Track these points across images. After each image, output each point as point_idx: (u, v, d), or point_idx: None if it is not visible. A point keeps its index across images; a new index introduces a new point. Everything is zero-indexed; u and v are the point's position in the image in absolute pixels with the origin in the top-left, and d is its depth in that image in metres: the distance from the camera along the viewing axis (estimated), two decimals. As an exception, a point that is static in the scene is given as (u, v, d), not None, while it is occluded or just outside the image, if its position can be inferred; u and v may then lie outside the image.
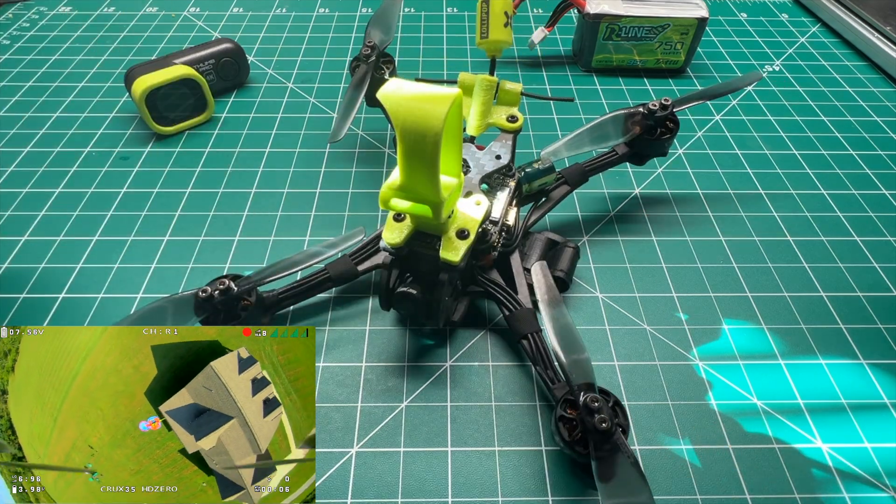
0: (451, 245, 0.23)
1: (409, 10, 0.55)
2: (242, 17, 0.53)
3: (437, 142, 0.18)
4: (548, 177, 0.30)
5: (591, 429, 0.20)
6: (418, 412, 0.25)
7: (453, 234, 0.24)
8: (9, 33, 0.50)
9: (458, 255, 0.23)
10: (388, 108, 0.18)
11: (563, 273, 0.28)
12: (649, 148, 0.32)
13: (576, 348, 0.21)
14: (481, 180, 0.27)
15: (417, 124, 0.18)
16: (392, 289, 0.25)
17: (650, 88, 0.45)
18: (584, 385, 0.21)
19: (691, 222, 0.34)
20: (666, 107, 0.31)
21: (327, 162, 0.38)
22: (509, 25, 0.29)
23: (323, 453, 0.24)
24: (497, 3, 0.29)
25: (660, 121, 0.31)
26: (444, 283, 0.24)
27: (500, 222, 0.26)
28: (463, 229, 0.24)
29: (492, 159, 0.28)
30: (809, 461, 0.24)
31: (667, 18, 0.43)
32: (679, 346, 0.28)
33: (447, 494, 0.23)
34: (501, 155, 0.28)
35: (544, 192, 0.31)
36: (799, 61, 0.48)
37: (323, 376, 0.26)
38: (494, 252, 0.27)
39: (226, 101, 0.43)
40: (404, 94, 0.18)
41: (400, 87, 0.18)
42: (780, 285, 0.31)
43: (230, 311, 0.25)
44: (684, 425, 0.25)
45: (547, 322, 0.22)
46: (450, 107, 0.18)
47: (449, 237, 0.24)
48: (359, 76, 0.33)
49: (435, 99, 0.18)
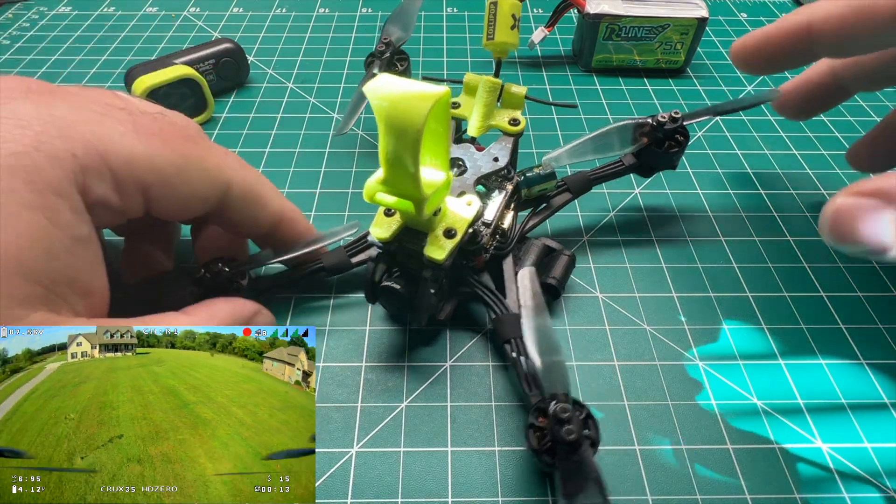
0: (436, 243, 0.23)
1: (409, 10, 0.55)
2: (242, 17, 0.53)
3: (418, 139, 0.18)
4: (548, 183, 0.29)
5: (558, 439, 0.19)
6: (418, 412, 0.25)
7: (440, 233, 0.23)
8: (9, 33, 0.50)
9: (443, 254, 0.23)
10: (372, 102, 0.18)
11: (554, 280, 0.27)
12: (658, 160, 0.31)
13: (552, 356, 0.21)
14: (477, 181, 0.27)
15: (399, 120, 0.18)
16: (377, 282, 0.25)
17: (650, 88, 0.45)
18: (557, 394, 0.20)
19: (691, 222, 0.34)
20: (676, 119, 0.30)
21: (327, 162, 0.38)
22: (516, 28, 0.29)
23: (323, 453, 0.24)
24: (505, 5, 0.28)
25: (669, 133, 0.30)
26: (427, 280, 0.24)
27: (494, 224, 0.26)
28: (451, 228, 0.24)
29: (490, 161, 0.28)
30: (809, 461, 0.24)
31: (667, 18, 0.43)
32: (679, 347, 0.28)
33: (447, 494, 0.23)
34: (500, 157, 0.28)
35: (545, 198, 0.30)
36: (799, 61, 0.48)
37: (323, 376, 0.26)
38: (486, 254, 0.26)
39: (226, 101, 0.43)
40: (388, 89, 0.18)
41: (385, 82, 0.18)
42: (780, 285, 0.31)
43: (223, 292, 0.25)
44: (684, 425, 0.25)
45: (526, 327, 0.22)
46: (432, 104, 0.17)
47: (436, 235, 0.23)
48: (371, 72, 0.33)
49: (418, 96, 0.18)
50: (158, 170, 0.21)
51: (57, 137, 0.19)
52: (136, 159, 0.21)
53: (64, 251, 0.19)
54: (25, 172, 0.18)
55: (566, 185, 0.31)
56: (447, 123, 0.20)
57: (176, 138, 0.22)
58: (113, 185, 0.20)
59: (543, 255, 0.28)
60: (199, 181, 0.23)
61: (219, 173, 0.23)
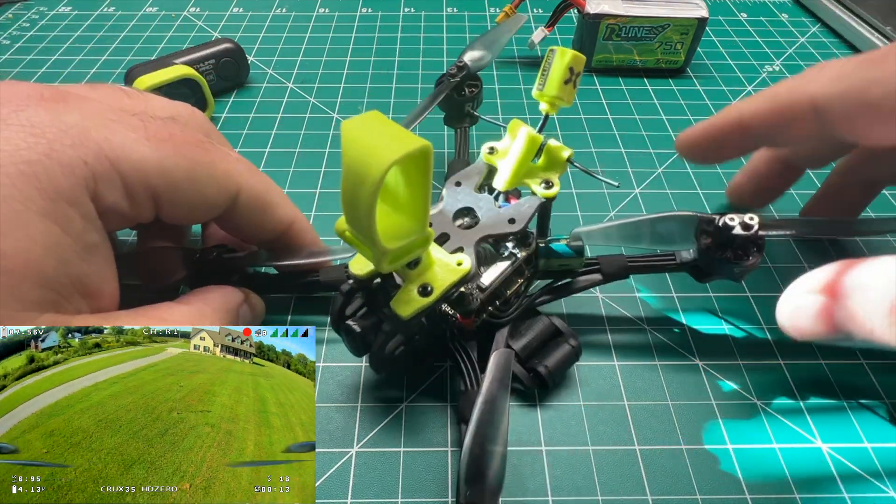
0: (406, 297, 0.21)
1: (409, 10, 0.55)
2: (242, 17, 0.53)
3: (374, 192, 0.16)
4: (573, 260, 0.26)
5: None
6: (419, 412, 0.25)
7: (415, 288, 0.21)
8: (9, 33, 0.50)
9: (408, 311, 0.21)
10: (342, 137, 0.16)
11: (545, 369, 0.24)
12: (719, 268, 0.25)
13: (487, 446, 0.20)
14: (481, 240, 0.24)
15: (358, 168, 0.16)
16: (343, 317, 0.23)
17: (650, 88, 0.45)
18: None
19: (691, 222, 0.34)
20: (750, 226, 0.23)
21: (327, 162, 0.38)
22: (573, 84, 0.25)
23: (323, 453, 0.24)
24: (565, 56, 0.24)
25: (739, 242, 0.24)
26: (385, 333, 0.22)
27: (490, 291, 0.24)
28: (428, 285, 0.21)
29: (504, 221, 0.24)
30: (809, 461, 0.24)
31: (667, 18, 0.43)
32: (679, 347, 0.28)
33: (447, 494, 0.23)
34: (516, 220, 0.24)
35: (568, 273, 0.27)
36: (799, 61, 0.48)
37: (323, 376, 0.26)
38: (477, 319, 0.24)
39: (226, 101, 0.43)
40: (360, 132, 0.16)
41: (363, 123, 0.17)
42: (780, 285, 0.31)
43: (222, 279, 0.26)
44: (684, 425, 0.25)
45: (475, 411, 0.20)
46: (397, 159, 0.15)
47: (408, 289, 0.21)
48: (437, 92, 0.32)
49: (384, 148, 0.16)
50: (168, 176, 0.21)
51: (69, 146, 0.19)
52: (147, 166, 0.21)
53: (76, 258, 0.19)
54: (38, 180, 0.18)
55: (599, 266, 0.26)
56: (426, 177, 0.18)
57: (187, 144, 0.22)
58: (123, 193, 0.21)
59: (547, 336, 0.25)
60: (208, 187, 0.23)
61: (228, 179, 0.23)
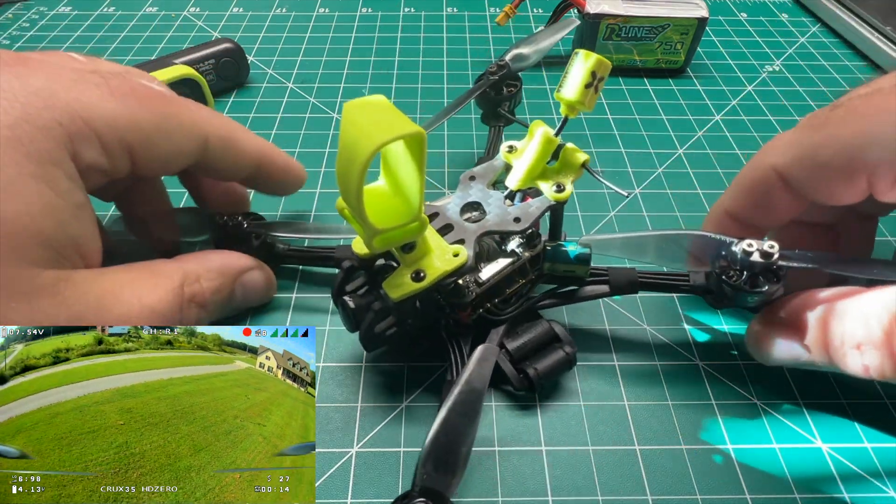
0: (398, 280, 0.22)
1: (409, 10, 0.55)
2: (242, 17, 0.53)
3: (362, 171, 0.17)
4: (578, 267, 0.25)
5: None
6: (419, 412, 0.25)
7: (408, 272, 0.22)
8: (9, 33, 0.50)
9: (398, 293, 0.21)
10: (342, 117, 0.17)
11: (534, 371, 0.24)
12: (733, 296, 0.23)
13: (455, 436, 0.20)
14: (482, 235, 0.24)
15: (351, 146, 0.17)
16: (342, 292, 0.24)
17: (650, 88, 0.45)
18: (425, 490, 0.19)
19: (691, 222, 0.34)
20: (770, 255, 0.22)
21: (327, 162, 0.38)
22: (594, 88, 0.24)
23: (323, 453, 0.24)
24: (589, 60, 0.23)
25: (755, 269, 0.23)
26: (374, 311, 0.23)
27: (488, 287, 0.24)
28: (420, 270, 0.22)
29: (509, 220, 0.24)
30: (809, 461, 0.24)
31: (667, 18, 0.43)
32: (679, 347, 0.28)
33: (447, 494, 0.23)
34: (521, 219, 0.24)
35: (574, 280, 0.26)
36: (799, 61, 0.48)
37: (323, 376, 0.26)
38: (473, 313, 0.24)
39: (226, 101, 0.43)
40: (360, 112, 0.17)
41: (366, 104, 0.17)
42: (780, 285, 0.31)
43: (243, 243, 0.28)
44: (683, 426, 0.25)
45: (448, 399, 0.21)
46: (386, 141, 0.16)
47: (401, 272, 0.22)
48: (474, 88, 0.32)
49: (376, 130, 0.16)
50: (140, 129, 0.22)
51: (43, 108, 0.20)
52: (118, 121, 0.21)
53: (69, 218, 0.20)
54: (22, 145, 0.19)
55: (607, 277, 0.26)
56: (420, 164, 0.18)
57: (150, 98, 0.23)
58: (101, 150, 0.21)
59: (544, 340, 0.25)
60: (178, 136, 0.24)
61: (195, 127, 0.24)
